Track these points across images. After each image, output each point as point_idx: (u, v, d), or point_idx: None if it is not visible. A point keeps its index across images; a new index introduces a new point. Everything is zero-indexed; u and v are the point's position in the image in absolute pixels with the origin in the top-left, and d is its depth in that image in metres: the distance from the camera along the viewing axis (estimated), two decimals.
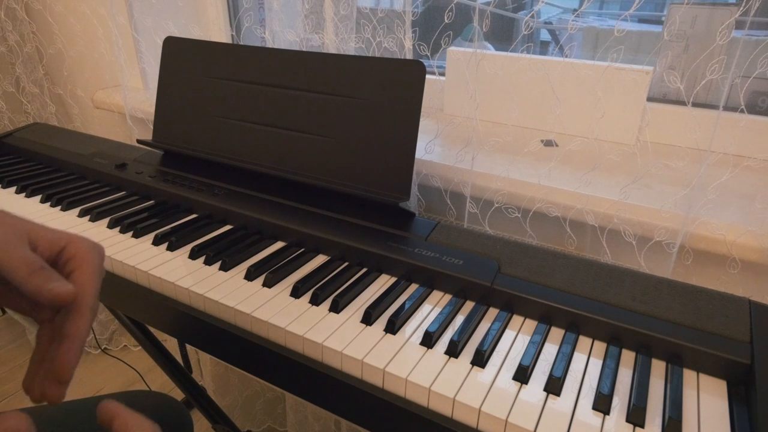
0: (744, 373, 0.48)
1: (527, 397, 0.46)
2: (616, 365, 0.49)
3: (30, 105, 1.36)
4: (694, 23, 0.82)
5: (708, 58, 0.70)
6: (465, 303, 0.59)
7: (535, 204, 0.76)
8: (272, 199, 0.75)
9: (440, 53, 0.86)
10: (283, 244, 0.69)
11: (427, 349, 0.51)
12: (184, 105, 0.87)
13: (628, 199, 0.70)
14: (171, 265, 0.64)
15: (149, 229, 0.71)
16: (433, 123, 0.94)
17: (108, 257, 0.65)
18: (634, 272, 0.58)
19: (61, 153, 0.93)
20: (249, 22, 0.98)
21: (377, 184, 0.70)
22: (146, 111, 1.14)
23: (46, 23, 1.29)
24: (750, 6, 0.59)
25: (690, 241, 0.68)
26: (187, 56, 0.86)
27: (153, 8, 1.14)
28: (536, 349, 0.51)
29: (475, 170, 0.79)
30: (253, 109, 0.80)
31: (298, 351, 0.53)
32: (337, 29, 0.87)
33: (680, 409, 0.45)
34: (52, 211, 0.77)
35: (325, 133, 0.74)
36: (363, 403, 0.50)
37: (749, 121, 0.71)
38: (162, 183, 0.81)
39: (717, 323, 0.51)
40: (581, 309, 0.53)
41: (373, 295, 0.59)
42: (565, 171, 0.78)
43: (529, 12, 0.94)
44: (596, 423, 0.44)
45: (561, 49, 0.85)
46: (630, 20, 0.70)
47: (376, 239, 0.65)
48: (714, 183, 0.69)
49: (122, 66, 1.14)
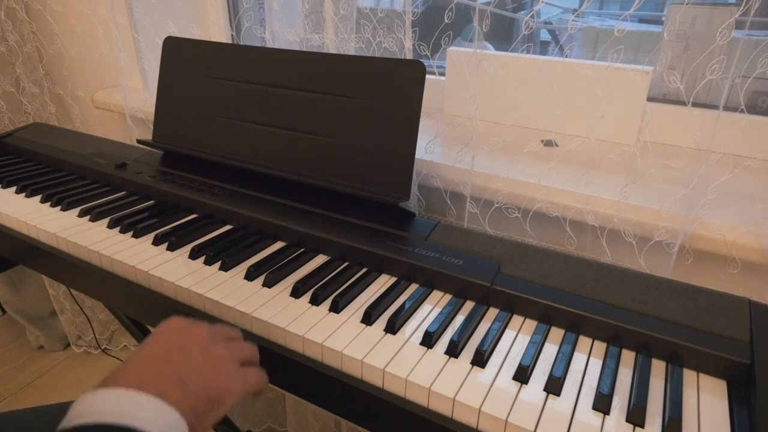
0: (744, 373, 0.48)
1: (527, 397, 0.46)
2: (616, 365, 0.49)
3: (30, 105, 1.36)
4: (694, 23, 0.82)
5: (708, 58, 0.70)
6: (465, 303, 0.59)
7: (535, 204, 0.76)
8: (272, 199, 0.75)
9: (440, 53, 0.85)
10: (283, 244, 0.69)
11: (427, 349, 0.51)
12: (184, 105, 0.87)
13: (628, 199, 0.70)
14: (171, 265, 0.64)
15: (149, 229, 0.71)
16: (433, 123, 0.94)
17: (108, 257, 0.66)
18: (634, 272, 0.58)
19: (61, 153, 0.93)
20: (249, 22, 0.98)
21: (377, 184, 0.70)
22: (146, 111, 1.14)
23: (46, 23, 1.29)
24: (750, 6, 0.59)
25: (690, 241, 0.68)
26: (187, 56, 0.86)
27: (153, 8, 1.14)
28: (536, 349, 0.51)
29: (475, 170, 0.79)
30: (253, 109, 0.80)
31: (298, 351, 0.53)
32: (337, 29, 0.87)
33: (680, 409, 0.45)
34: (52, 211, 0.77)
35: (325, 133, 0.74)
36: (363, 403, 0.50)
37: (749, 121, 0.71)
38: (162, 183, 0.81)
39: (717, 323, 0.51)
40: (581, 309, 0.53)
41: (373, 295, 0.59)
42: (565, 171, 0.78)
43: (529, 12, 0.94)
44: (596, 423, 0.44)
45: (561, 49, 0.85)
46: (630, 20, 0.70)
47: (376, 239, 0.65)
48: (714, 183, 0.69)
49: (122, 66, 1.14)
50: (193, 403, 0.38)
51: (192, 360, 0.40)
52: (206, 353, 0.41)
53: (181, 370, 0.39)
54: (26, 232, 0.75)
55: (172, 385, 0.38)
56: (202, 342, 0.42)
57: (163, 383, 0.37)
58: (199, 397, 0.38)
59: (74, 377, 1.61)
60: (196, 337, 0.43)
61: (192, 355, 0.41)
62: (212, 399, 0.39)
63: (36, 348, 1.73)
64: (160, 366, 0.39)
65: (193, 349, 0.41)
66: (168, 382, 0.38)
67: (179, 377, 0.39)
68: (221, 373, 0.41)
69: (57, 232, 0.71)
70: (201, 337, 0.43)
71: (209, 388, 0.40)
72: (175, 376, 0.38)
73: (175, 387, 0.38)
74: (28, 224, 0.74)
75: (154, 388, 0.36)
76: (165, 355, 0.40)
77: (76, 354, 1.70)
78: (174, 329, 0.43)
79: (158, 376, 0.38)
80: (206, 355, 0.41)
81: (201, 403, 0.38)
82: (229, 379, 0.41)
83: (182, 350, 0.41)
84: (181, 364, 0.40)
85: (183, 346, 0.41)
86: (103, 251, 0.66)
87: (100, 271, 0.67)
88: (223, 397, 0.40)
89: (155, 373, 0.38)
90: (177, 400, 0.37)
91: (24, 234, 0.75)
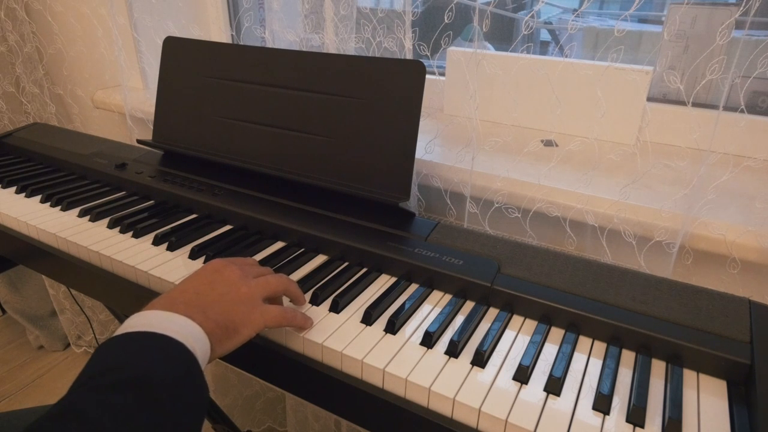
0: (744, 373, 0.48)
1: (527, 397, 0.46)
2: (616, 365, 0.49)
3: (30, 105, 1.36)
4: (694, 23, 0.82)
5: (708, 58, 0.70)
6: (465, 303, 0.59)
7: (535, 204, 0.76)
8: (272, 199, 0.75)
9: (440, 53, 0.86)
10: (283, 244, 0.69)
11: (427, 349, 0.51)
12: (184, 105, 0.87)
13: (628, 199, 0.70)
14: (171, 265, 0.64)
15: (149, 229, 0.71)
16: (433, 123, 0.94)
17: (108, 257, 0.66)
18: (634, 272, 0.58)
19: (61, 153, 0.93)
20: (249, 22, 0.98)
21: (377, 184, 0.70)
22: (146, 111, 1.14)
23: (46, 23, 1.29)
24: (750, 6, 0.59)
25: (690, 241, 0.68)
26: (187, 56, 0.86)
27: (153, 8, 1.14)
28: (536, 349, 0.51)
29: (475, 170, 0.79)
30: (253, 109, 0.80)
31: (298, 351, 0.53)
32: (337, 29, 0.87)
33: (680, 409, 0.45)
34: (52, 211, 0.77)
35: (325, 133, 0.74)
36: (363, 403, 0.50)
37: (749, 121, 0.71)
38: (162, 183, 0.81)
39: (717, 323, 0.51)
40: (581, 309, 0.53)
41: (373, 295, 0.59)
42: (565, 171, 0.78)
43: (529, 12, 0.94)
44: (596, 423, 0.44)
45: (561, 49, 0.85)
46: (630, 20, 0.70)
47: (376, 239, 0.65)
48: (714, 183, 0.69)
49: (122, 66, 1.14)
50: (213, 326, 0.45)
51: (216, 294, 0.49)
52: (230, 289, 0.49)
53: (205, 300, 0.48)
54: (26, 232, 0.75)
55: (196, 311, 0.45)
56: (230, 280, 0.50)
57: (190, 309, 0.45)
58: (219, 324, 0.46)
59: (74, 377, 1.61)
60: (226, 277, 0.50)
61: (217, 290, 0.49)
62: (229, 328, 0.47)
63: (36, 348, 1.73)
64: (190, 297, 0.48)
65: (219, 286, 0.49)
66: (194, 308, 0.46)
67: (203, 305, 0.47)
68: (240, 307, 0.49)
69: (57, 232, 0.71)
70: (230, 277, 0.51)
71: (227, 318, 0.47)
72: (199, 305, 0.47)
73: (198, 312, 0.45)
74: (28, 224, 0.74)
75: (183, 310, 0.45)
76: (196, 288, 0.49)
77: (76, 354, 1.70)
78: (209, 269, 0.52)
79: (187, 303, 0.46)
80: (229, 291, 0.49)
81: (220, 328, 0.46)
82: (246, 312, 0.49)
83: (211, 285, 0.49)
84: (207, 296, 0.48)
85: (212, 282, 0.50)
86: (103, 251, 0.66)
87: (100, 271, 0.67)
88: (240, 327, 0.48)
89: (185, 301, 0.47)
90: (200, 322, 0.44)
91: (24, 234, 0.75)
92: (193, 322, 0.44)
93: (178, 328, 0.42)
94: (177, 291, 0.48)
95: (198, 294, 0.48)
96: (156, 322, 0.42)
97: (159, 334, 0.41)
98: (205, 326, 0.44)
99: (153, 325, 0.42)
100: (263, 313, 0.50)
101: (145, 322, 0.42)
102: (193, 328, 0.44)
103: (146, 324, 0.42)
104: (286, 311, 0.51)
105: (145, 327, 0.42)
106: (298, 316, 0.53)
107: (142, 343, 0.41)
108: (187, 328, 0.43)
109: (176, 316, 0.44)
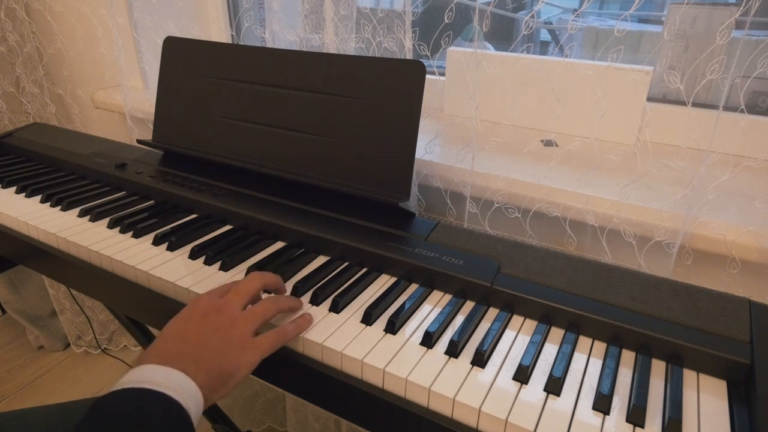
0: (744, 373, 0.48)
1: (527, 397, 0.46)
2: (616, 365, 0.49)
3: (30, 105, 1.36)
4: (694, 23, 0.82)
5: (708, 58, 0.70)
6: (465, 303, 0.59)
7: (535, 204, 0.76)
8: (272, 199, 0.75)
9: (440, 53, 0.85)
10: (283, 244, 0.69)
11: (427, 349, 0.51)
12: (184, 105, 0.87)
13: (628, 199, 0.70)
14: (171, 265, 0.64)
15: (149, 229, 0.71)
16: (433, 123, 0.94)
17: (108, 257, 0.66)
18: (634, 272, 0.58)
19: (61, 153, 0.93)
20: (249, 22, 0.98)
21: (377, 184, 0.70)
22: (146, 111, 1.14)
23: (46, 23, 1.29)
24: (750, 6, 0.59)
25: (690, 241, 0.68)
26: (187, 56, 0.86)
27: (153, 8, 1.14)
28: (536, 349, 0.51)
29: (475, 170, 0.79)
30: (253, 109, 0.80)
31: (298, 351, 0.53)
32: (337, 29, 0.87)
33: (680, 409, 0.45)
34: (52, 211, 0.77)
35: (325, 133, 0.74)
36: (363, 403, 0.50)
37: (749, 121, 0.71)
38: (162, 183, 0.81)
39: (717, 323, 0.51)
40: (581, 309, 0.53)
41: (373, 295, 0.59)
42: (565, 171, 0.78)
43: (529, 12, 0.94)
44: (596, 423, 0.44)
45: (561, 49, 0.85)
46: (630, 20, 0.70)
47: (376, 239, 0.65)
48: (714, 183, 0.69)
49: (122, 66, 1.14)
50: (206, 378, 0.45)
51: (206, 341, 0.47)
52: (220, 334, 0.48)
53: (197, 351, 0.46)
54: (26, 232, 0.75)
55: (189, 363, 0.44)
56: (218, 325, 0.49)
57: (183, 361, 0.44)
58: (212, 374, 0.45)
59: (74, 377, 1.61)
60: (214, 321, 0.49)
61: (207, 336, 0.48)
62: (223, 375, 0.46)
63: (36, 348, 1.73)
64: (180, 347, 0.46)
65: (210, 332, 0.48)
66: (186, 360, 0.45)
67: (195, 355, 0.46)
68: (232, 351, 0.48)
69: (57, 232, 0.71)
70: (218, 321, 0.49)
71: (221, 367, 0.46)
72: (191, 355, 0.45)
73: (191, 364, 0.45)
74: (28, 224, 0.74)
75: (177, 363, 0.44)
76: (184, 335, 0.47)
77: (76, 354, 1.70)
78: (197, 312, 0.50)
79: (180, 355, 0.45)
80: (219, 335, 0.48)
81: (214, 379, 0.45)
82: (239, 356, 0.48)
83: (200, 332, 0.48)
84: (198, 345, 0.47)
85: (201, 326, 0.48)
86: (103, 251, 0.66)
87: (100, 271, 0.67)
88: (234, 372, 0.47)
89: (178, 353, 0.45)
90: (193, 375, 0.44)
91: (24, 234, 0.75)
92: (187, 377, 0.43)
93: (174, 385, 0.42)
94: (168, 340, 0.47)
95: (187, 342, 0.47)
96: (154, 378, 0.42)
97: (157, 392, 0.41)
98: (199, 380, 0.44)
99: (151, 381, 0.42)
100: (255, 349, 0.49)
101: (142, 378, 0.42)
102: (188, 384, 0.43)
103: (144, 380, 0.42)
104: (278, 334, 0.51)
105: (142, 383, 0.41)
106: (289, 329, 0.52)
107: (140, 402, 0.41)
108: (183, 384, 0.43)
109: (172, 372, 0.43)
